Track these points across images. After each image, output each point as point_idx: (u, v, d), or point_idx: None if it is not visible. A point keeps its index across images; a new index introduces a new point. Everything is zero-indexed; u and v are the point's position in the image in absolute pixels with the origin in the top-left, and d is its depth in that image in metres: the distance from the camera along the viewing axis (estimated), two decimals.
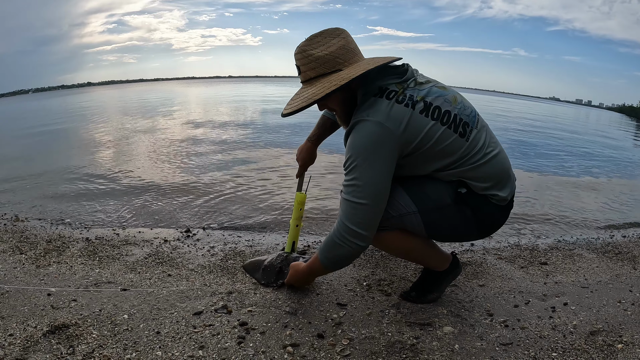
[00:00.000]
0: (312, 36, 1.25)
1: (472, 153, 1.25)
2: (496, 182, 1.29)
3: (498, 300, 1.57)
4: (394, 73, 1.27)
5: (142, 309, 1.39)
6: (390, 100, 1.19)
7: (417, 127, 1.19)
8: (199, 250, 2.04)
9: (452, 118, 1.23)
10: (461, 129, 1.24)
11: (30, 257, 1.88)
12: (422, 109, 1.20)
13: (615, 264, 2.07)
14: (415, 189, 1.30)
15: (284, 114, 1.28)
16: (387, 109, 1.18)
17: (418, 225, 1.31)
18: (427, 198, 1.29)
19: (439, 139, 1.21)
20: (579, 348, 1.26)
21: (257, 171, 3.98)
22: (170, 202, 2.97)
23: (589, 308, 1.54)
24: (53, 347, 1.15)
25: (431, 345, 1.25)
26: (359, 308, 1.46)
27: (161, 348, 1.17)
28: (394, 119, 1.17)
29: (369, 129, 1.18)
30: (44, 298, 1.45)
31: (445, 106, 1.24)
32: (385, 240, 1.37)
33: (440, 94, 1.25)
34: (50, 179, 3.74)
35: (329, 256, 1.29)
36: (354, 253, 1.25)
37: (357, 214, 1.20)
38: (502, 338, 1.30)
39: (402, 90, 1.22)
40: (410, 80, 1.25)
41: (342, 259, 1.28)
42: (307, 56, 1.23)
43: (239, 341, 1.22)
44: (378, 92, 1.22)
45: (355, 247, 1.23)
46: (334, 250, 1.26)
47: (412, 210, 1.29)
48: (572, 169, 5.20)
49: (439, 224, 1.31)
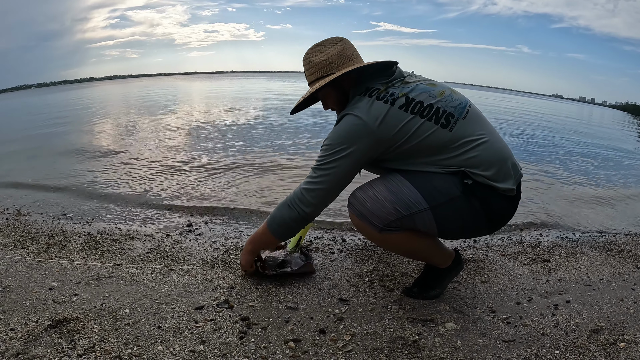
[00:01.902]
0: (315, 45, 1.44)
1: (459, 142, 1.29)
2: (496, 169, 1.30)
3: (500, 297, 1.57)
4: (384, 75, 1.38)
5: (143, 303, 1.39)
6: (371, 98, 1.31)
7: (393, 122, 1.28)
8: (201, 245, 2.04)
9: (434, 111, 1.30)
10: (443, 120, 1.30)
11: (32, 251, 1.88)
12: (402, 104, 1.29)
13: (618, 262, 2.06)
14: (424, 183, 1.30)
15: (291, 112, 1.58)
16: (367, 106, 1.30)
17: (430, 223, 1.31)
18: (437, 192, 1.28)
19: (417, 132, 1.28)
20: (581, 346, 1.25)
21: (261, 166, 3.97)
22: (172, 197, 2.97)
23: (591, 306, 1.53)
24: (54, 341, 1.15)
25: (433, 341, 1.24)
26: (361, 304, 1.46)
27: (162, 343, 1.17)
28: (371, 114, 1.28)
29: (349, 121, 1.30)
30: (45, 292, 1.45)
31: (428, 100, 1.31)
32: (393, 242, 1.37)
33: (425, 90, 1.34)
34: (53, 173, 3.73)
35: (276, 215, 1.41)
36: (298, 218, 1.36)
37: (314, 183, 1.33)
38: (504, 335, 1.29)
39: (384, 89, 1.32)
40: (397, 80, 1.36)
41: (287, 220, 1.39)
42: (308, 62, 1.43)
43: (241, 336, 1.22)
44: (364, 91, 1.34)
45: (301, 212, 1.35)
46: (282, 210, 1.39)
47: (423, 207, 1.28)
48: (574, 165, 5.18)
49: (450, 219, 1.31)
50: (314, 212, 1.37)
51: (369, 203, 1.31)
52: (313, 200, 1.34)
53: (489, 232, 1.44)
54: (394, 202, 1.28)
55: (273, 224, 1.42)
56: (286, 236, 1.46)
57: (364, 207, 1.32)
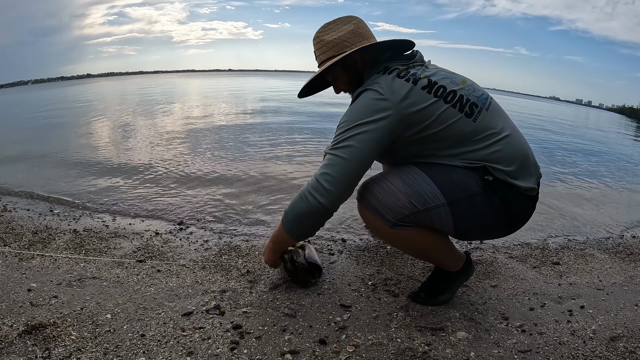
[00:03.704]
0: (326, 23, 1.36)
1: (483, 134, 1.20)
2: (518, 165, 1.21)
3: (512, 302, 1.47)
4: (403, 58, 1.31)
5: (126, 307, 1.29)
6: (392, 75, 1.22)
7: (417, 100, 1.17)
8: (192, 244, 1.93)
9: (458, 98, 1.21)
10: (467, 109, 1.21)
11: (14, 249, 1.78)
12: (425, 85, 1.20)
13: (628, 265, 2.00)
14: (442, 176, 1.19)
15: (298, 95, 1.50)
16: (389, 82, 1.20)
17: (446, 220, 1.20)
18: (456, 187, 1.18)
19: (441, 117, 1.18)
20: (600, 355, 1.18)
21: (257, 164, 3.87)
22: (164, 194, 2.85)
23: (606, 312, 1.46)
24: (28, 349, 1.06)
25: (445, 352, 1.14)
26: (364, 310, 1.35)
27: (145, 353, 1.07)
28: (393, 90, 1.18)
29: (368, 95, 1.19)
30: (23, 294, 1.36)
31: (451, 86, 1.22)
32: (404, 239, 1.25)
33: (447, 77, 1.25)
34: (42, 168, 3.63)
35: (288, 211, 1.24)
36: (312, 210, 1.17)
37: (329, 166, 1.16)
38: (519, 344, 1.20)
39: (405, 68, 1.24)
40: (417, 63, 1.28)
41: (300, 216, 1.21)
42: (320, 41, 1.34)
43: (232, 347, 1.12)
44: (383, 70, 1.25)
45: (314, 202, 1.16)
46: (294, 204, 1.22)
47: (441, 202, 1.18)
48: (579, 167, 5.12)
49: (468, 217, 1.21)
50: (332, 202, 1.16)
51: (381, 195, 1.20)
52: (329, 186, 1.14)
53: (506, 233, 1.32)
54: (410, 195, 1.17)
55: (287, 222, 1.25)
56: (304, 236, 1.28)
57: (376, 200, 1.21)
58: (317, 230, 1.26)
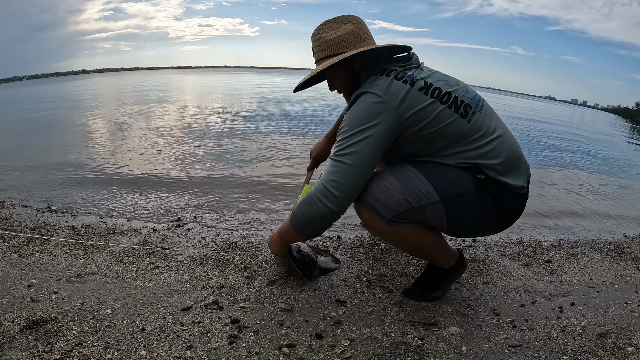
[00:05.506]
0: (327, 21, 1.36)
1: (477, 134, 1.24)
2: (509, 165, 1.25)
3: (504, 299, 1.51)
4: (400, 60, 1.33)
5: (126, 303, 1.30)
6: (389, 77, 1.24)
7: (415, 102, 1.21)
8: (190, 241, 1.95)
9: (453, 99, 1.25)
10: (462, 110, 1.25)
11: (13, 245, 1.78)
12: (422, 87, 1.24)
13: (619, 263, 2.05)
14: (436, 174, 1.23)
15: (294, 89, 1.51)
16: (387, 84, 1.23)
17: (440, 216, 1.23)
18: (450, 185, 1.21)
19: (438, 117, 1.22)
20: (589, 351, 1.21)
21: (254, 162, 3.88)
22: (161, 191, 2.86)
23: (596, 309, 1.50)
24: (30, 343, 1.07)
25: (437, 347, 1.17)
26: (360, 305, 1.38)
27: (146, 347, 1.09)
28: (391, 92, 1.21)
29: (367, 99, 1.22)
30: (23, 290, 1.37)
31: (446, 88, 1.26)
32: (399, 235, 1.28)
33: (441, 79, 1.29)
34: (40, 165, 3.60)
35: (297, 213, 1.29)
36: (321, 215, 1.23)
37: (335, 173, 1.21)
38: (510, 339, 1.23)
39: (402, 70, 1.27)
40: (413, 65, 1.32)
41: (309, 219, 1.27)
42: (318, 39, 1.35)
43: (231, 340, 1.14)
44: (380, 71, 1.28)
45: (323, 208, 1.22)
46: (303, 208, 1.27)
47: (435, 199, 1.21)
48: (570, 165, 5.17)
49: (461, 214, 1.24)
50: (340, 207, 1.22)
51: (377, 192, 1.23)
52: (338, 192, 1.20)
53: (497, 230, 1.37)
54: (404, 192, 1.21)
55: (296, 224, 1.31)
56: (313, 235, 1.35)
57: (372, 197, 1.24)
58: (325, 230, 1.32)
